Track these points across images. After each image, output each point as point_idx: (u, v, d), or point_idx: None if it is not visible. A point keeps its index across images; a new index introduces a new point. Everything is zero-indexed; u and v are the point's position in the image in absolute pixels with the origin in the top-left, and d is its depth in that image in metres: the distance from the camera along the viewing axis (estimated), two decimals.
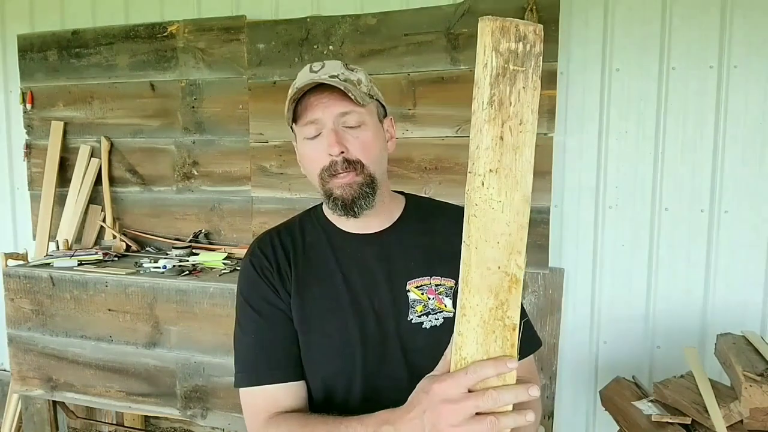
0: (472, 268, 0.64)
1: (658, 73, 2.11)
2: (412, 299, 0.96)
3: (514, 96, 0.62)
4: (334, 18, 2.37)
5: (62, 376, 2.33)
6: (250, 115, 2.53)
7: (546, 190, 2.18)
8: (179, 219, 2.71)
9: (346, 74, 0.93)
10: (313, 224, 1.04)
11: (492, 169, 0.63)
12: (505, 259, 0.65)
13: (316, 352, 0.95)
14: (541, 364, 2.23)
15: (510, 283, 0.66)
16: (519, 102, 0.62)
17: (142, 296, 2.19)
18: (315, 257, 0.99)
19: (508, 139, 0.62)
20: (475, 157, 0.62)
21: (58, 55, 2.79)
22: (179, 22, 2.59)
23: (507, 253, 0.65)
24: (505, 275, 0.65)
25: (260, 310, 0.97)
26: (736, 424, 1.57)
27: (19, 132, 2.92)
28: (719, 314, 2.13)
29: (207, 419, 2.20)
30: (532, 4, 2.10)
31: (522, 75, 0.62)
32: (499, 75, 0.61)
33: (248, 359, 0.96)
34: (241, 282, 1.01)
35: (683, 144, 2.11)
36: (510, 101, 0.62)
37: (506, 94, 0.62)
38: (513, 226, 0.66)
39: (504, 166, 0.63)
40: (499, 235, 0.65)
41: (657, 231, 2.17)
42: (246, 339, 0.97)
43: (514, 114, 0.62)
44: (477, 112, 0.62)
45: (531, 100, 0.63)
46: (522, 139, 0.63)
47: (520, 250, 0.66)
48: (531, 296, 2.24)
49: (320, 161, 0.92)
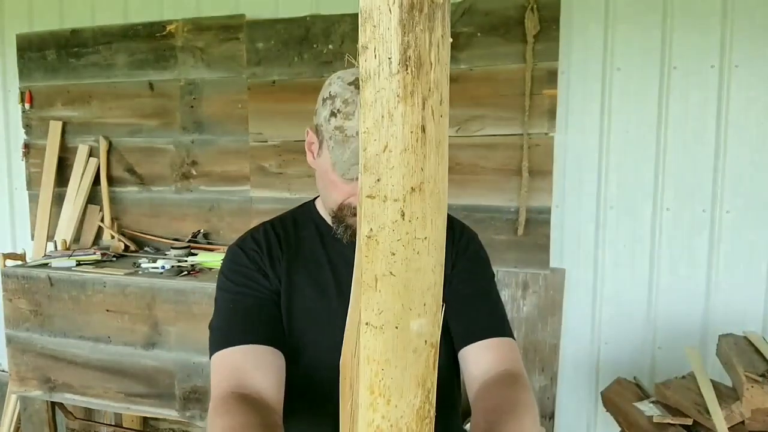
0: (366, 378, 0.45)
1: (659, 72, 2.10)
2: None
3: (434, 51, 0.38)
4: (333, 17, 2.36)
5: (60, 376, 2.32)
6: (249, 114, 2.52)
7: (547, 191, 2.17)
8: (178, 219, 2.70)
9: None
10: (305, 220, 1.05)
11: (414, 187, 0.40)
12: (430, 325, 0.45)
13: (301, 338, 0.96)
14: (542, 365, 2.23)
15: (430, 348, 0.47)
16: (439, 64, 0.39)
17: (141, 297, 2.18)
18: (306, 248, 1.01)
19: (431, 130, 0.40)
20: (374, 168, 0.39)
21: (56, 54, 2.78)
22: (178, 21, 2.58)
23: (433, 315, 0.45)
24: (430, 347, 0.46)
25: (241, 284, 0.95)
26: (738, 425, 1.57)
27: (18, 132, 2.91)
28: (721, 314, 2.12)
29: (206, 420, 2.18)
30: (533, 3, 2.09)
31: (440, 13, 0.38)
32: (414, 8, 0.36)
33: (222, 328, 0.92)
34: (225, 265, 0.99)
35: (685, 144, 2.11)
36: (430, 60, 0.38)
37: (425, 45, 0.38)
38: (437, 271, 0.45)
39: (428, 179, 0.41)
40: (425, 291, 0.44)
41: (658, 231, 2.16)
42: (221, 315, 0.94)
43: (434, 85, 0.39)
44: (370, 82, 0.38)
45: (447, 62, 0.40)
46: (443, 129, 0.41)
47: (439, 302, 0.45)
48: (532, 297, 2.23)
49: (347, 198, 0.92)
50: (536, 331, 2.25)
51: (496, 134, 2.21)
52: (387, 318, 0.43)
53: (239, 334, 0.89)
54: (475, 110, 2.20)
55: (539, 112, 2.15)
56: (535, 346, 2.26)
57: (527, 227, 2.19)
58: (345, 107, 0.85)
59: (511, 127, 2.19)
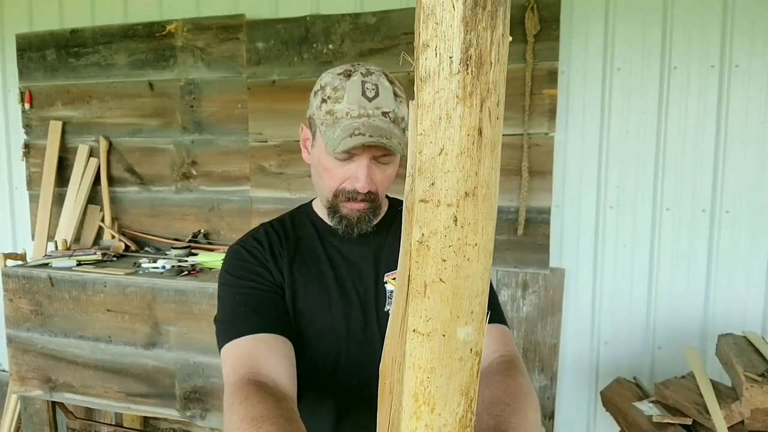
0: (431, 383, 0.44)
1: (659, 72, 2.10)
2: (389, 290, 0.99)
3: (495, 51, 0.37)
4: (333, 17, 2.36)
5: (61, 376, 2.33)
6: (249, 114, 2.52)
7: (547, 190, 2.17)
8: (178, 219, 2.70)
9: (396, 110, 0.91)
10: (303, 220, 1.06)
11: (468, 192, 0.39)
12: (476, 333, 0.45)
13: (304, 333, 0.97)
14: (542, 365, 2.23)
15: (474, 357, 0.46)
16: (498, 63, 0.38)
17: (141, 296, 2.18)
18: (305, 247, 1.02)
19: (488, 133, 0.39)
20: (429, 171, 0.39)
21: (56, 54, 2.78)
22: (178, 20, 2.58)
23: (479, 323, 0.45)
24: (475, 356, 0.46)
25: (245, 278, 0.95)
26: (737, 424, 1.57)
27: (18, 132, 2.92)
28: (720, 314, 2.12)
29: (206, 420, 2.19)
30: (533, 3, 2.09)
31: (502, 10, 0.37)
32: (477, 5, 0.36)
33: (230, 320, 0.91)
34: (227, 262, 0.99)
35: (684, 144, 2.11)
36: (490, 60, 0.37)
37: (486, 44, 0.37)
38: (486, 278, 0.44)
39: (482, 184, 0.40)
40: (473, 298, 0.43)
41: (658, 231, 2.16)
42: (227, 308, 0.94)
43: (492, 86, 0.38)
44: (429, 82, 0.37)
45: (506, 62, 0.39)
46: (498, 132, 0.40)
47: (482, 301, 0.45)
48: (531, 296, 2.23)
49: (341, 183, 0.93)
50: (536, 331, 2.25)
51: None
52: (434, 325, 0.43)
53: (249, 324, 0.89)
54: None
55: (539, 112, 2.16)
56: (534, 345, 2.26)
57: (527, 227, 2.19)
58: (334, 93, 0.90)
59: (511, 126, 2.19)
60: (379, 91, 0.91)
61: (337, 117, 0.89)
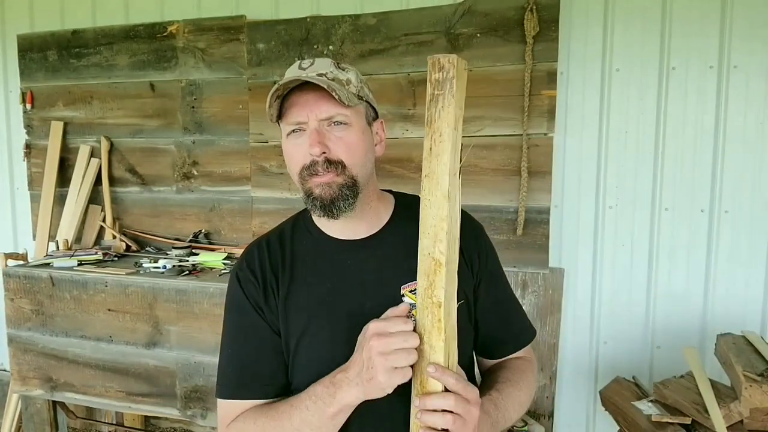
0: (419, 256, 0.80)
1: (658, 73, 2.11)
2: (410, 304, 0.93)
3: (437, 114, 0.78)
4: (334, 18, 2.37)
5: (62, 376, 2.33)
6: (249, 115, 2.53)
7: (546, 190, 2.18)
8: (179, 219, 2.71)
9: (335, 73, 0.93)
10: (302, 232, 1.02)
11: (426, 174, 0.79)
12: (431, 246, 0.78)
13: (303, 359, 0.94)
14: (541, 364, 2.23)
15: (435, 266, 0.78)
16: (440, 119, 0.78)
17: (142, 296, 2.19)
18: (302, 266, 0.98)
19: (434, 148, 0.79)
20: (423, 165, 0.80)
21: (57, 55, 2.79)
22: (179, 21, 2.59)
23: (433, 242, 0.78)
24: (432, 260, 0.78)
25: (240, 324, 0.98)
26: (736, 424, 1.57)
27: (19, 132, 2.92)
28: (719, 314, 2.13)
29: (207, 419, 2.19)
30: (532, 4, 2.10)
31: (441, 97, 0.78)
32: (431, 100, 0.79)
33: (225, 372, 0.98)
34: (227, 295, 1.02)
35: (683, 144, 2.11)
36: (434, 119, 0.78)
37: (433, 114, 0.78)
38: (436, 218, 0.78)
39: (432, 171, 0.78)
40: (429, 227, 0.79)
41: (657, 231, 2.17)
42: (225, 351, 0.99)
43: (437, 128, 0.78)
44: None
45: (447, 117, 0.78)
46: (441, 147, 0.78)
47: (441, 238, 0.77)
48: (531, 296, 2.24)
49: (301, 160, 0.91)
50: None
51: (496, 135, 2.22)
52: (419, 233, 0.82)
53: (244, 390, 0.95)
54: (474, 111, 2.21)
55: (538, 113, 2.16)
56: (534, 345, 2.25)
57: (526, 227, 2.20)
58: (287, 72, 0.97)
59: (511, 127, 2.20)
60: (315, 61, 0.94)
61: (272, 91, 0.91)
